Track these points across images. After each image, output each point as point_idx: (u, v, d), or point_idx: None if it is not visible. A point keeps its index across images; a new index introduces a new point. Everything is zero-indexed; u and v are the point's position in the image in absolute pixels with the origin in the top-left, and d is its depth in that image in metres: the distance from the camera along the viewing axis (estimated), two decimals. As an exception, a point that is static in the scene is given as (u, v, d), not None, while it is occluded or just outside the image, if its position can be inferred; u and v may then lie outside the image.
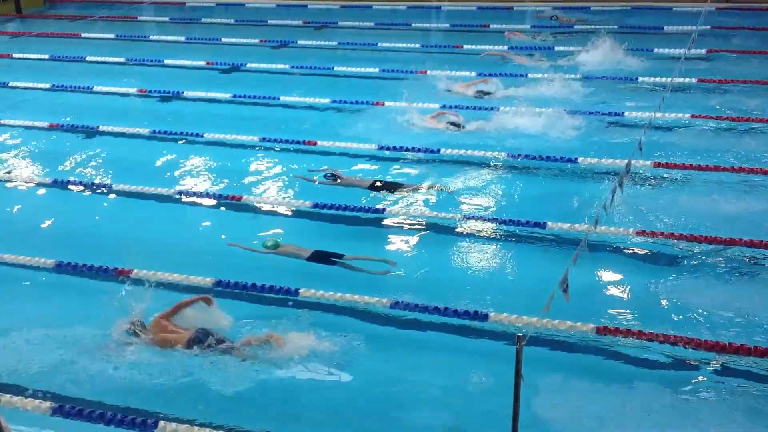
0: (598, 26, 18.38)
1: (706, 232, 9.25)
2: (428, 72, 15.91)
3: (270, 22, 21.15)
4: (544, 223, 9.67)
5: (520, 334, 4.96)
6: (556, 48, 17.24)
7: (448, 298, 8.24)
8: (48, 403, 6.80)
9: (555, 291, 5.77)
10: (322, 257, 9.03)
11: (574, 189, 10.84)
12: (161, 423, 6.54)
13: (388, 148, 12.20)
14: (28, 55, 18.56)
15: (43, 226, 10.31)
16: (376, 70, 16.39)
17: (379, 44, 18.42)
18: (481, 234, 9.74)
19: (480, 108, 13.70)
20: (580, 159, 11.52)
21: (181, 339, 7.39)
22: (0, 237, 9.98)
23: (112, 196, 11.04)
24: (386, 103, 14.21)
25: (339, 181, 11.02)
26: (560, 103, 13.55)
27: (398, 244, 9.63)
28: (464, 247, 9.54)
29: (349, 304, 8.22)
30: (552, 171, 11.36)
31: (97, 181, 11.44)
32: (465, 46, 17.80)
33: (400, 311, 8.06)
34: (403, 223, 10.04)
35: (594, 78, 15.18)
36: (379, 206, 10.28)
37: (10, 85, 16.37)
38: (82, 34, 20.56)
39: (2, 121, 14.05)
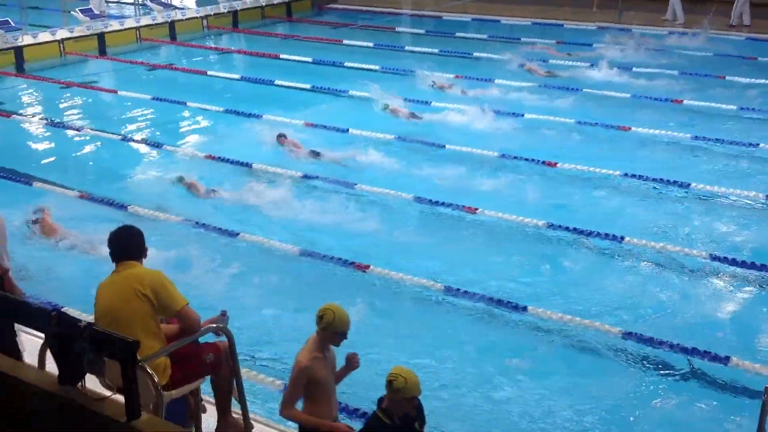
0: None
1: None
2: (684, 101, 15.34)
3: (523, 39, 21.16)
4: (800, 271, 8.94)
5: (769, 385, 4.61)
6: None
7: (683, 335, 7.86)
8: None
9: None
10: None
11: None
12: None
13: (632, 175, 11.84)
14: (293, 57, 19.89)
15: (288, 215, 10.95)
16: (628, 95, 15.94)
17: (634, 69, 17.89)
18: (726, 275, 9.17)
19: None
20: None
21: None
22: (253, 222, 10.77)
23: (355, 198, 11.53)
24: (632, 128, 13.81)
25: (285, 142, 13.24)
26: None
27: (634, 273, 9.31)
28: (706, 285, 9.05)
29: (577, 327, 8.06)
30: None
31: (343, 179, 11.98)
32: (727, 77, 16.92)
33: (633, 342, 7.78)
34: (641, 254, 9.68)
35: None
36: (617, 234, 9.97)
37: (275, 83, 17.62)
38: (344, 41, 21.72)
39: (264, 116, 15.13)
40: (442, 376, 7.39)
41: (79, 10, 22.13)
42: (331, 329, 5.50)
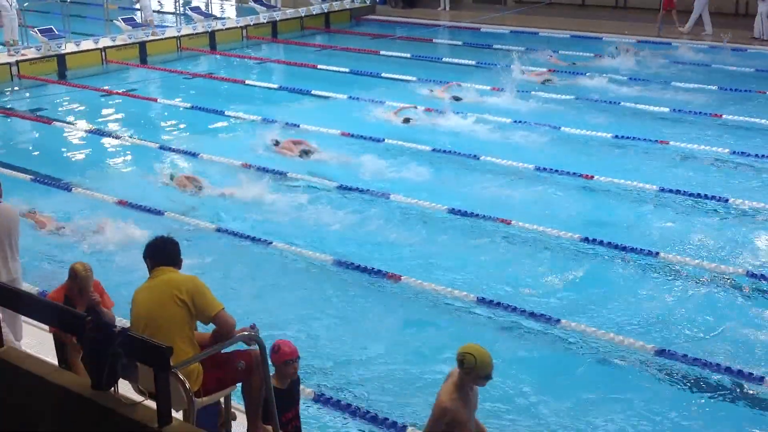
0: None
1: None
2: (723, 115, 15.19)
3: (561, 52, 21.08)
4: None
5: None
6: None
7: (718, 353, 7.78)
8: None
9: None
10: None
11: None
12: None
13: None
14: (330, 67, 20.02)
15: (322, 224, 11.01)
16: (667, 110, 15.82)
17: (673, 83, 17.73)
18: (764, 292, 9.03)
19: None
20: None
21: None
22: (287, 231, 10.84)
23: (389, 209, 11.57)
24: (670, 142, 13.72)
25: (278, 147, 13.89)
26: None
27: (670, 289, 9.21)
28: (743, 302, 8.92)
29: (611, 342, 8.00)
30: None
31: (375, 189, 12.02)
32: (768, 92, 16.70)
33: (666, 359, 7.69)
34: (677, 269, 9.58)
35: None
36: (653, 250, 9.89)
37: (312, 93, 17.74)
38: (381, 52, 21.81)
39: (302, 126, 15.23)
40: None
41: (122, 18, 22.50)
42: (474, 373, 5.34)
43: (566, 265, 9.84)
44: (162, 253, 5.68)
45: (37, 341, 7.34)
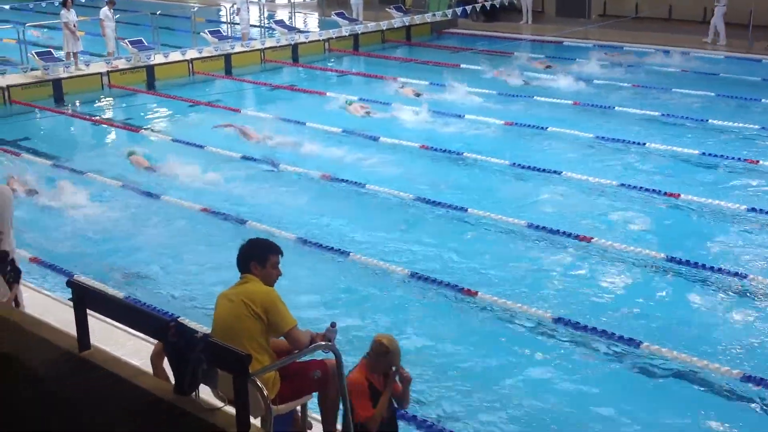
0: None
1: None
2: None
3: (644, 66, 20.72)
4: None
5: None
6: None
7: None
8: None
9: None
10: None
11: None
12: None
13: None
14: (411, 80, 20.04)
15: (400, 238, 11.03)
16: (756, 127, 15.38)
17: (763, 100, 17.22)
18: None
19: None
20: None
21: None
22: (366, 243, 10.90)
23: (467, 223, 11.51)
24: (760, 161, 13.33)
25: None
26: None
27: (759, 313, 8.90)
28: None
29: (694, 367, 7.77)
30: None
31: (452, 203, 11.98)
32: None
33: (753, 386, 7.44)
34: (729, 284, 9.34)
35: None
36: (742, 272, 9.58)
37: (392, 105, 17.68)
38: (461, 65, 21.77)
39: (381, 138, 15.30)
40: (549, 410, 7.26)
41: (208, 31, 23.05)
42: None
43: (649, 285, 9.62)
44: (238, 261, 5.76)
45: (123, 345, 7.52)
